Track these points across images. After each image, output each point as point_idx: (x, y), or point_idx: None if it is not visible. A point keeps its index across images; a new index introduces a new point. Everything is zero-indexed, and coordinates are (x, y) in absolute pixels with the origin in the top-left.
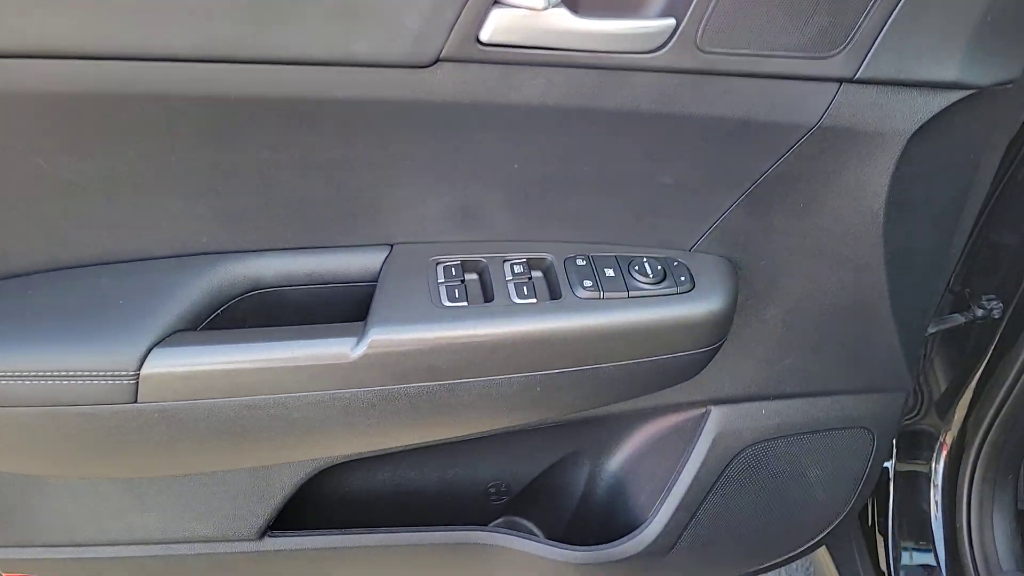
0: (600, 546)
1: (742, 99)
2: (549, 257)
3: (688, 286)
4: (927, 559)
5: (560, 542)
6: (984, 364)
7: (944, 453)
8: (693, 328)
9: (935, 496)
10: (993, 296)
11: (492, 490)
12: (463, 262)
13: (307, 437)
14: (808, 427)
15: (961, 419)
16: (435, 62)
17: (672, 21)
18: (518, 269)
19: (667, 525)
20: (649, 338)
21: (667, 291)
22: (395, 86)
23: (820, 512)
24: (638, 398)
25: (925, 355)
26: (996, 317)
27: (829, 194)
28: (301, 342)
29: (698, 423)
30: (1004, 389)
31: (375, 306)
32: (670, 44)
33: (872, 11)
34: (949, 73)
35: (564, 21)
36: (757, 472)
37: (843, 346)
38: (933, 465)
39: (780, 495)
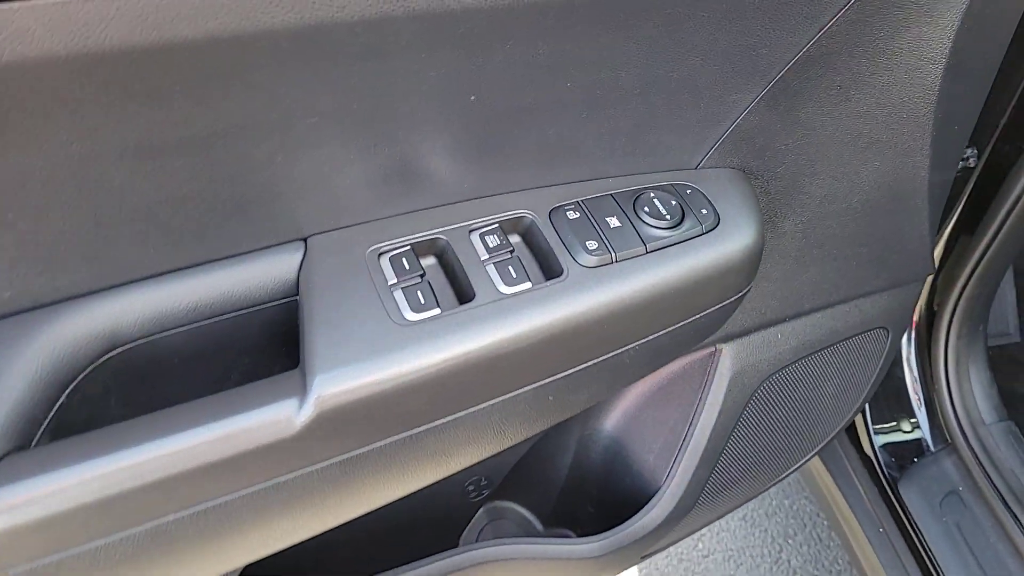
0: (616, 530)
1: None
2: (528, 215)
3: (712, 220)
4: (908, 431)
5: (559, 527)
6: (957, 215)
7: (915, 315)
8: (726, 275)
9: (910, 360)
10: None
11: (471, 488)
12: (414, 246)
13: (237, 544)
14: (827, 341)
15: (932, 278)
16: None
17: None
18: (493, 241)
19: (687, 488)
20: (678, 300)
21: (691, 233)
22: (287, 3)
23: (832, 419)
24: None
25: None
26: (971, 166)
27: (877, 69)
28: (209, 425)
29: (707, 365)
30: (985, 240)
31: (309, 339)
32: None
33: None
34: None
35: None
36: (776, 402)
37: (870, 247)
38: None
39: (797, 415)
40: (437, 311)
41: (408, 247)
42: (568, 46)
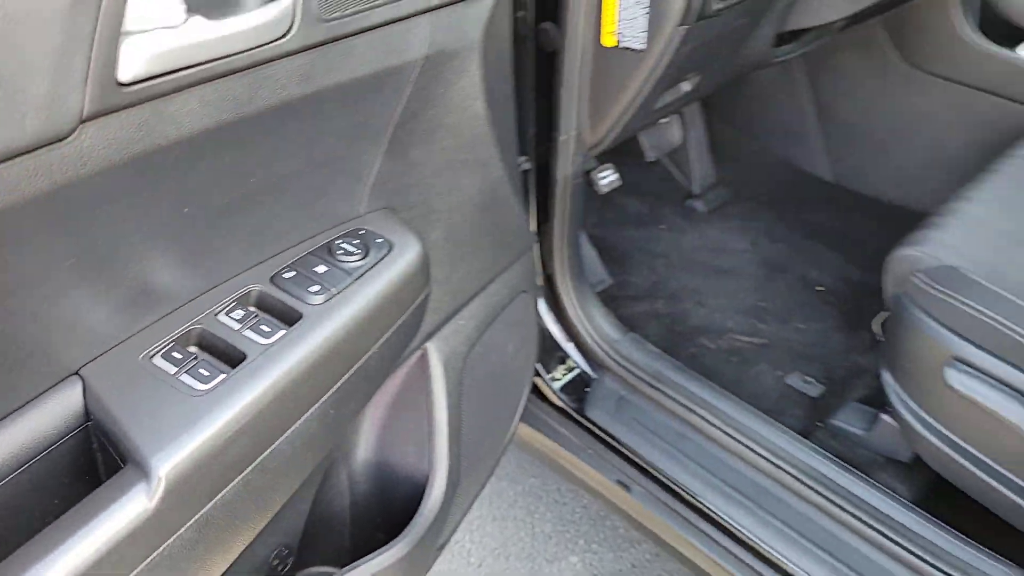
0: (409, 527)
1: (365, 55)
2: (256, 287)
3: (387, 247)
4: (572, 368)
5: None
6: (534, 203)
7: (540, 280)
8: (411, 282)
9: (549, 317)
10: None
11: (276, 562)
12: (178, 339)
13: None
14: (494, 313)
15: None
16: (76, 128)
17: (289, 1)
18: (238, 314)
19: (449, 467)
20: (388, 307)
21: (377, 259)
22: (24, 180)
23: (522, 374)
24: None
25: None
26: (527, 168)
27: (446, 113)
28: (71, 541)
29: (423, 367)
30: (557, 218)
31: (128, 435)
32: (296, 23)
33: None
34: None
35: (204, 31)
36: (481, 374)
37: (492, 235)
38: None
39: (498, 377)
40: (223, 375)
41: (171, 342)
42: (248, 152)
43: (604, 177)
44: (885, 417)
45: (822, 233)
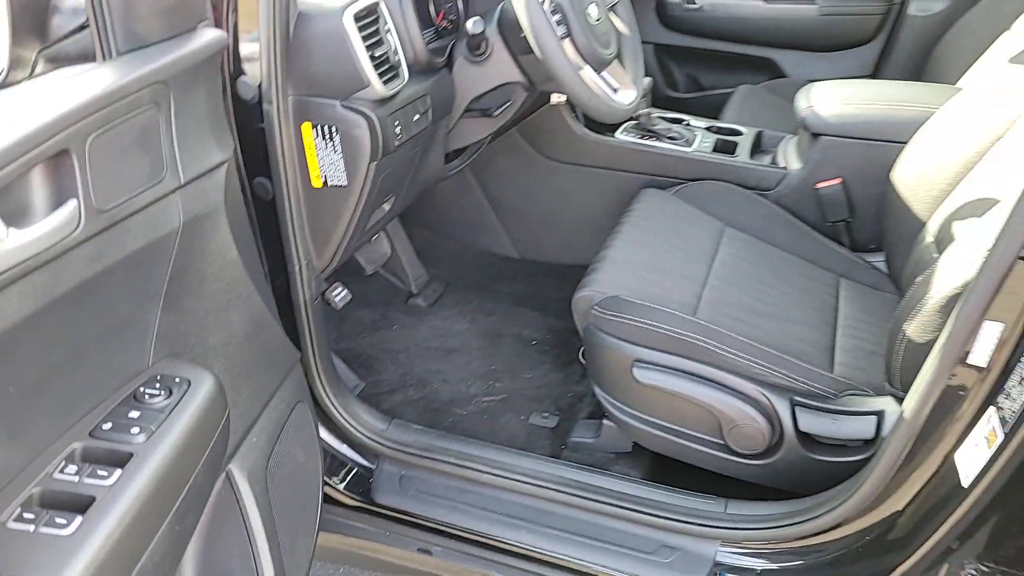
0: None
1: (138, 231)
2: (78, 444)
3: (186, 383)
4: (353, 468)
5: None
6: None
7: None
8: (214, 403)
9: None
10: None
11: None
12: (22, 505)
13: None
14: (279, 425)
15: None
16: None
17: (75, 201)
18: (71, 468)
19: (274, 560)
20: (202, 427)
21: (181, 394)
22: None
23: (315, 478)
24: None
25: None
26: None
27: (207, 264)
28: None
29: (230, 485)
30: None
31: None
32: (82, 218)
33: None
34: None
35: (18, 238)
36: (282, 482)
37: (262, 358)
38: None
39: (299, 486)
40: (80, 518)
41: (19, 507)
42: (54, 330)
43: (337, 295)
44: (606, 423)
45: (523, 299)
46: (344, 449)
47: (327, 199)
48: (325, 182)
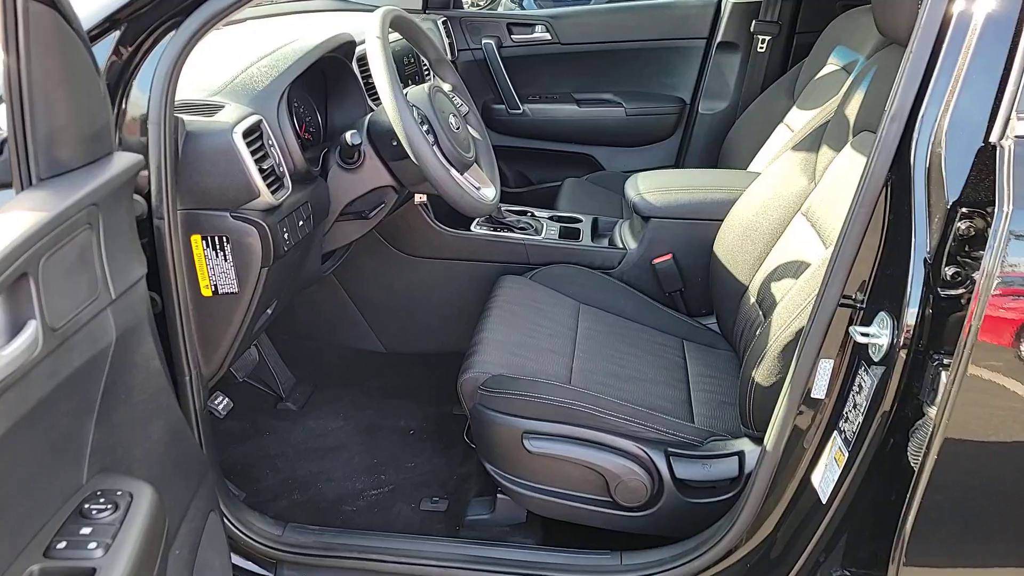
0: None
1: (83, 347)
2: (35, 567)
3: (128, 496)
4: None
5: None
6: None
7: None
8: (159, 512)
9: None
10: None
11: None
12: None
13: None
14: (198, 534)
15: None
16: None
17: (34, 322)
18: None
19: None
20: (153, 536)
21: (126, 505)
22: None
23: None
24: None
25: None
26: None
27: (134, 375)
28: None
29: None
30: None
31: None
32: (41, 339)
33: None
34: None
35: None
36: None
37: (180, 467)
38: None
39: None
40: None
41: None
42: (14, 451)
43: (219, 403)
44: (500, 496)
45: (393, 390)
46: (244, 563)
47: (217, 307)
48: (215, 291)
